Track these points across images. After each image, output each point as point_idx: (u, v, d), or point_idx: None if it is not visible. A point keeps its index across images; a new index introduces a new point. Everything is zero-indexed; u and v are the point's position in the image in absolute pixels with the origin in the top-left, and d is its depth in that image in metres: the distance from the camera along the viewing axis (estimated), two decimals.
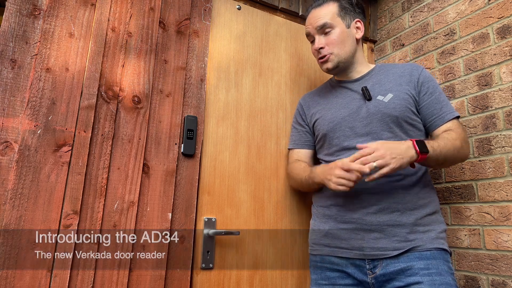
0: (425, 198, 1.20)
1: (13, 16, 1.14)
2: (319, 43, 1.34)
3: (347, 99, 1.35)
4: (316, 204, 1.36)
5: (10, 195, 1.04)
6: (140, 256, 1.19)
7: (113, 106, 1.24)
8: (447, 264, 1.13)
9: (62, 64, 1.18)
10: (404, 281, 1.10)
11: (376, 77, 1.35)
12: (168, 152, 1.30)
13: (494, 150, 1.35)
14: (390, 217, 1.16)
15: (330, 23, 1.33)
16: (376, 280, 1.15)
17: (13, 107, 1.09)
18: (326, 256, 1.25)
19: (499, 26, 1.40)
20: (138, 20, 1.35)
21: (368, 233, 1.17)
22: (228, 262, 1.36)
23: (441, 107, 1.26)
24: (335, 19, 1.34)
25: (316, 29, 1.35)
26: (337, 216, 1.24)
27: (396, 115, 1.23)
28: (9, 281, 1.00)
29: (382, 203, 1.17)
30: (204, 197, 1.37)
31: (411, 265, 1.11)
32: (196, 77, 1.42)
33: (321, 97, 1.45)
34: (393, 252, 1.13)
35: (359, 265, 1.18)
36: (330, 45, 1.33)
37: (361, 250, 1.17)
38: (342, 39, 1.33)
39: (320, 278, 1.24)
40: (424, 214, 1.18)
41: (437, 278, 1.08)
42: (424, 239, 1.14)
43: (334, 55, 1.33)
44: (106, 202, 1.17)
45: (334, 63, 1.33)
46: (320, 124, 1.37)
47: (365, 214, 1.18)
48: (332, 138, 1.32)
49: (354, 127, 1.28)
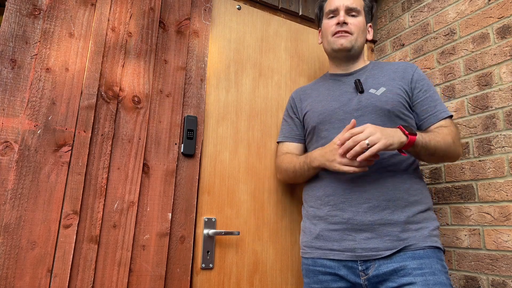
0: (416, 195, 1.18)
1: (13, 16, 1.14)
2: (345, 18, 1.34)
3: (339, 91, 1.35)
4: (307, 204, 1.33)
5: (10, 195, 1.04)
6: (140, 256, 1.19)
7: (113, 106, 1.24)
8: (440, 263, 1.11)
9: (62, 64, 1.18)
10: (397, 281, 1.08)
11: (370, 71, 1.36)
12: (168, 152, 1.30)
13: (494, 150, 1.35)
14: (381, 215, 1.14)
15: (359, 10, 1.37)
16: (369, 281, 1.12)
17: (13, 107, 1.09)
18: (318, 259, 1.22)
19: (499, 26, 1.40)
20: (138, 20, 1.35)
21: (359, 234, 1.15)
22: (228, 262, 1.36)
23: (435, 105, 1.26)
24: (362, 10, 1.39)
25: (346, 8, 1.36)
26: (328, 216, 1.21)
27: (387, 108, 1.22)
28: (9, 281, 1.00)
29: (372, 201, 1.15)
30: (204, 197, 1.37)
31: (404, 265, 1.09)
32: (196, 77, 1.42)
33: (313, 90, 1.45)
34: (386, 252, 1.11)
35: (351, 267, 1.15)
36: (353, 27, 1.34)
37: (352, 252, 1.15)
38: (363, 28, 1.38)
39: (312, 282, 1.22)
40: (416, 211, 1.16)
41: (430, 278, 1.06)
42: (417, 238, 1.12)
43: (354, 37, 1.34)
44: (106, 202, 1.17)
45: (351, 43, 1.34)
46: (310, 117, 1.36)
47: (355, 213, 1.16)
48: (321, 130, 1.31)
49: (344, 119, 1.27)
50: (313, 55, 1.78)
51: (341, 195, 1.20)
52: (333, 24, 1.36)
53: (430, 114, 1.25)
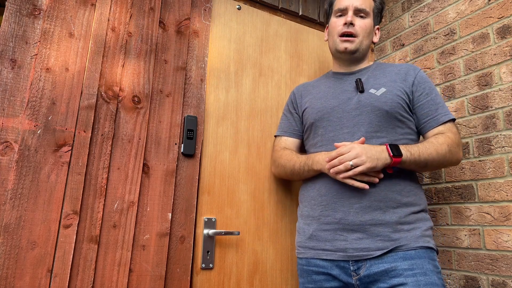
0: (409, 196, 1.18)
1: (13, 16, 1.14)
2: (352, 18, 1.34)
3: (339, 90, 1.35)
4: (302, 204, 1.33)
5: (10, 195, 1.04)
6: (140, 256, 1.19)
7: (113, 106, 1.24)
8: (432, 263, 1.10)
9: (62, 64, 1.18)
10: (389, 282, 1.07)
11: (372, 72, 1.35)
12: (168, 152, 1.30)
13: (494, 150, 1.35)
14: (372, 216, 1.14)
15: (368, 11, 1.37)
16: (360, 281, 1.12)
17: (13, 107, 1.09)
18: (311, 259, 1.22)
19: (499, 26, 1.40)
20: (138, 20, 1.35)
21: (351, 234, 1.15)
22: (228, 262, 1.36)
23: (436, 108, 1.25)
24: (371, 11, 1.39)
25: (355, 9, 1.36)
26: (321, 216, 1.21)
27: (386, 109, 1.22)
28: (9, 281, 1.00)
29: (364, 201, 1.15)
30: (204, 197, 1.37)
31: (395, 266, 1.08)
32: (196, 77, 1.42)
33: (315, 87, 1.45)
34: (377, 252, 1.11)
35: (343, 266, 1.15)
36: (360, 29, 1.34)
37: (344, 252, 1.15)
38: (369, 31, 1.37)
39: (307, 282, 1.23)
40: (409, 212, 1.15)
41: (421, 279, 1.05)
42: (409, 238, 1.11)
43: (359, 40, 1.34)
44: (106, 202, 1.17)
45: (356, 47, 1.34)
46: (309, 113, 1.36)
47: (347, 213, 1.16)
48: (318, 127, 1.31)
49: (342, 118, 1.27)
50: (313, 55, 1.78)
51: (334, 195, 1.20)
52: (340, 24, 1.36)
53: (431, 118, 1.25)
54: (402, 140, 1.23)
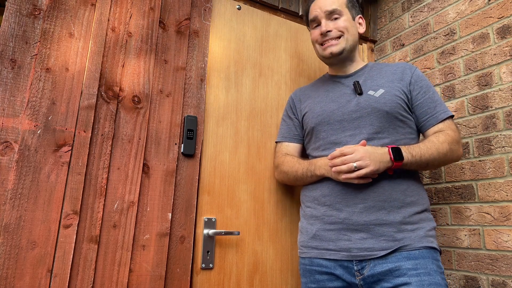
0: (413, 195, 1.18)
1: (13, 16, 1.14)
2: (326, 26, 1.33)
3: (338, 93, 1.35)
4: (304, 204, 1.33)
5: (10, 195, 1.04)
6: (140, 256, 1.19)
7: (113, 106, 1.24)
8: (436, 263, 1.10)
9: (62, 64, 1.18)
10: (392, 282, 1.08)
11: (368, 73, 1.35)
12: (168, 152, 1.30)
13: (494, 150, 1.35)
14: (376, 216, 1.14)
15: (340, 10, 1.34)
16: (364, 281, 1.13)
17: (13, 107, 1.09)
18: (314, 258, 1.22)
19: (499, 26, 1.40)
20: (138, 20, 1.35)
21: (354, 233, 1.15)
22: (228, 262, 1.36)
23: (435, 106, 1.26)
24: (343, 8, 1.36)
25: (325, 13, 1.34)
26: (324, 216, 1.22)
27: (386, 110, 1.22)
28: (9, 281, 1.00)
29: (368, 201, 1.16)
30: (204, 197, 1.37)
31: (399, 266, 1.09)
32: (196, 77, 1.42)
33: (313, 91, 1.45)
34: (380, 252, 1.11)
35: (347, 266, 1.16)
36: (338, 30, 1.33)
37: (348, 251, 1.15)
38: (349, 27, 1.35)
39: (309, 281, 1.23)
40: (412, 212, 1.16)
41: (425, 278, 1.06)
42: (413, 238, 1.12)
43: (343, 38, 1.33)
44: (106, 202, 1.17)
45: (341, 47, 1.33)
46: (309, 118, 1.36)
47: (351, 213, 1.16)
48: (319, 131, 1.32)
49: (342, 121, 1.27)
50: (313, 55, 1.78)
51: (338, 195, 1.20)
52: (317, 34, 1.36)
53: (430, 116, 1.25)
54: (404, 140, 1.23)
